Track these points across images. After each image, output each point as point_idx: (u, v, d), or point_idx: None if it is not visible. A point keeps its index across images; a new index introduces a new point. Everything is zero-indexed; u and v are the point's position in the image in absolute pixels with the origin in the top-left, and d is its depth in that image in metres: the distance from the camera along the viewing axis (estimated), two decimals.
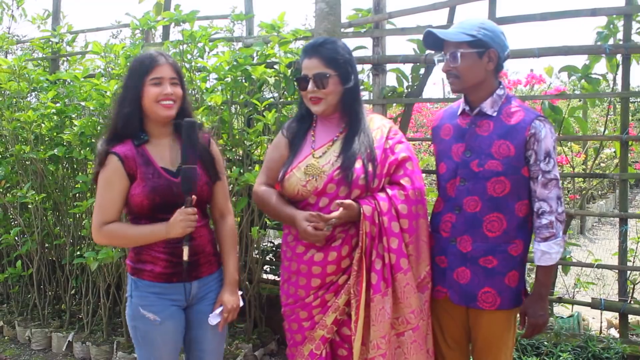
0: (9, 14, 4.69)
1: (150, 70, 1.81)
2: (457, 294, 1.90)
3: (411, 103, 3.46)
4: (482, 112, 1.86)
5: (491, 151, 1.81)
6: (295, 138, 1.99)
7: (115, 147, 1.83)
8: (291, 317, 1.97)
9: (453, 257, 1.89)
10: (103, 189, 1.83)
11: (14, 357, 3.57)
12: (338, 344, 1.94)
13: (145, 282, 1.87)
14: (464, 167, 1.85)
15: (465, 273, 1.87)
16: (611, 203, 10.01)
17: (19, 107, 3.58)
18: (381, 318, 1.82)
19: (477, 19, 1.85)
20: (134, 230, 1.84)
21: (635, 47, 2.85)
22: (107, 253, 2.97)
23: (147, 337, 1.88)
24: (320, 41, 1.92)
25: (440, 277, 1.93)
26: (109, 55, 3.18)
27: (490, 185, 1.81)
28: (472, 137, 1.85)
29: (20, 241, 3.80)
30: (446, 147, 1.92)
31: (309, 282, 1.90)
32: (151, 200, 1.80)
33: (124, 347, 3.29)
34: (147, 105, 1.83)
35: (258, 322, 3.46)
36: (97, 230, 1.83)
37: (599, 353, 2.74)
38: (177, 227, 1.77)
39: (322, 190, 1.88)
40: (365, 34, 3.43)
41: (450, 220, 1.89)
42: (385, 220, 1.82)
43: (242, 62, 3.08)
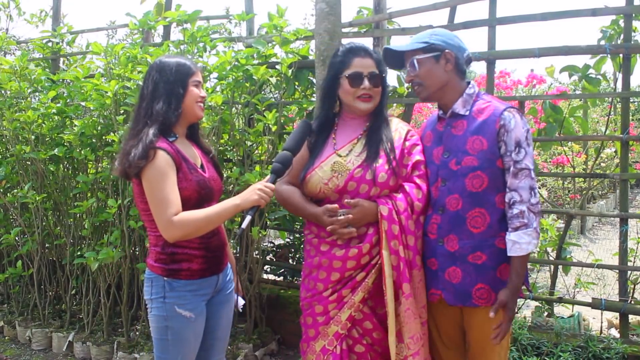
0: (7, 14, 4.69)
1: (193, 73, 1.94)
2: (451, 294, 1.90)
3: (412, 103, 3.46)
4: (455, 113, 1.92)
5: (466, 148, 1.86)
6: (317, 140, 2.06)
7: (158, 142, 1.84)
8: (307, 310, 2.01)
9: (442, 257, 1.90)
10: (160, 181, 1.78)
11: (15, 357, 3.57)
12: (356, 339, 1.96)
13: (182, 282, 1.90)
14: (444, 167, 1.90)
15: (457, 272, 1.88)
16: (611, 203, 10.02)
17: (19, 107, 3.58)
18: (408, 319, 1.88)
19: (429, 30, 1.97)
20: (204, 211, 1.81)
21: (635, 47, 2.85)
22: (108, 253, 2.97)
23: (180, 335, 1.91)
24: (364, 45, 2.06)
25: (433, 279, 1.94)
26: (110, 55, 3.17)
27: (469, 182, 1.85)
28: (449, 138, 1.91)
29: (21, 241, 3.80)
30: (429, 153, 1.98)
31: (328, 275, 1.95)
32: (199, 193, 1.88)
33: (125, 347, 3.29)
34: (189, 104, 1.93)
35: (258, 322, 3.46)
36: (170, 223, 1.76)
37: (600, 353, 2.74)
38: (252, 193, 1.81)
39: (343, 188, 1.94)
40: (365, 33, 3.43)
41: (435, 222, 1.92)
42: (403, 219, 1.90)
43: (244, 63, 3.08)
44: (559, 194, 7.94)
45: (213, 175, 2.00)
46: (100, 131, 3.24)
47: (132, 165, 1.79)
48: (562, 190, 7.75)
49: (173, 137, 1.92)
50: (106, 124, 3.25)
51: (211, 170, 2.01)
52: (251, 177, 2.84)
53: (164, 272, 1.91)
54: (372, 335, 1.95)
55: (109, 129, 3.21)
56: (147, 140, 1.80)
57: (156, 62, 1.97)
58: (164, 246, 1.90)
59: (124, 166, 1.82)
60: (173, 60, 1.95)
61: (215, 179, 2.01)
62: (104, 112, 3.24)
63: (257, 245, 3.41)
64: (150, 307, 1.94)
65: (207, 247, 1.94)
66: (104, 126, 3.25)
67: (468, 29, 3.18)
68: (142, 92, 1.94)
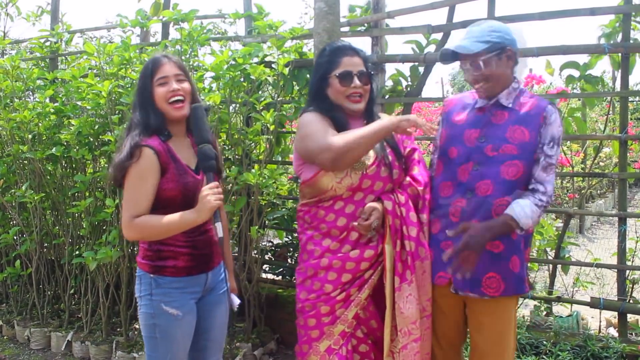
0: (5, 13, 4.68)
1: (155, 72, 1.88)
2: (460, 281, 1.89)
3: (410, 102, 3.46)
4: (498, 103, 1.92)
5: (505, 136, 1.86)
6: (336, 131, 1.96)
7: (146, 140, 1.84)
8: (310, 312, 1.97)
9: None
10: (137, 182, 1.81)
11: (13, 356, 3.56)
12: (361, 339, 1.97)
13: (167, 279, 1.89)
14: (478, 152, 1.89)
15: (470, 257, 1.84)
16: (610, 202, 10.02)
17: (15, 107, 3.57)
18: (409, 305, 1.88)
19: (484, 23, 1.94)
20: (165, 220, 1.81)
21: (634, 46, 2.85)
22: (106, 253, 2.97)
23: (168, 332, 1.90)
24: (350, 44, 2.07)
25: (446, 263, 1.90)
26: (103, 55, 3.16)
27: (504, 169, 1.85)
28: (487, 125, 1.91)
29: (19, 241, 3.80)
30: (458, 132, 1.95)
31: (339, 277, 1.94)
32: (184, 195, 1.86)
33: (123, 346, 3.29)
34: (160, 105, 1.88)
35: (257, 321, 3.46)
36: (128, 224, 1.80)
37: (598, 352, 2.74)
38: (206, 203, 1.78)
39: (357, 186, 1.94)
40: (364, 33, 3.43)
41: (460, 205, 1.90)
42: (404, 211, 1.92)
43: (241, 62, 3.07)
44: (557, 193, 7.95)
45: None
46: (97, 130, 3.24)
47: (118, 168, 1.83)
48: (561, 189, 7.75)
49: (166, 136, 1.89)
50: (102, 123, 3.24)
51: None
52: (250, 177, 2.84)
53: (150, 269, 1.91)
54: (377, 333, 1.96)
55: (106, 128, 3.20)
56: (132, 142, 1.82)
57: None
58: (150, 243, 1.91)
59: (114, 172, 1.85)
60: (145, 62, 1.93)
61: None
62: (99, 111, 3.24)
63: (255, 244, 3.40)
64: (140, 304, 1.94)
65: (193, 245, 1.91)
66: (100, 125, 3.24)
67: (467, 28, 3.17)
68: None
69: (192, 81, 1.96)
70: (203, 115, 1.86)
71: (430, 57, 3.25)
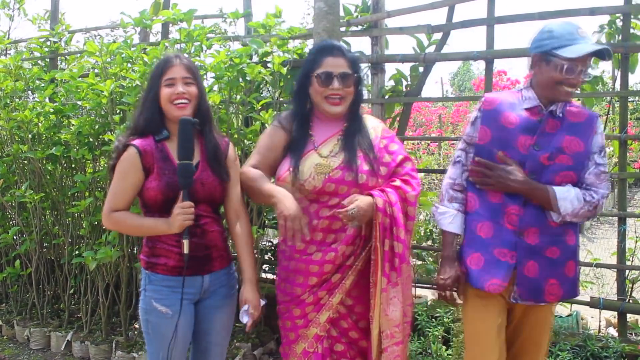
0: (8, 14, 4.67)
1: (164, 72, 1.90)
2: (526, 290, 1.86)
3: (410, 102, 3.46)
4: (552, 112, 1.88)
5: (562, 146, 1.84)
6: (297, 136, 2.01)
7: (134, 140, 1.89)
8: (285, 314, 2.01)
9: (522, 251, 1.86)
10: (117, 179, 1.90)
11: (13, 356, 3.56)
12: (335, 338, 1.96)
13: (159, 276, 1.92)
14: (533, 160, 1.85)
15: (534, 267, 1.85)
16: (610, 202, 10.00)
17: (15, 107, 3.57)
18: (394, 307, 1.87)
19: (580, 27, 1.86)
20: (139, 220, 1.92)
21: (634, 46, 2.85)
22: (106, 253, 2.97)
23: (159, 330, 1.91)
24: (339, 44, 2.03)
25: (497, 269, 1.87)
26: (105, 55, 3.16)
27: (559, 179, 1.84)
28: (543, 134, 1.87)
29: (19, 240, 3.80)
30: (509, 137, 1.89)
31: (306, 280, 1.94)
32: (165, 195, 1.86)
33: (123, 346, 3.29)
34: (163, 105, 1.91)
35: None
36: (106, 216, 1.92)
37: (598, 352, 2.74)
38: (175, 220, 1.81)
39: (321, 189, 1.92)
40: (363, 32, 3.42)
41: (515, 213, 1.86)
42: (395, 211, 1.89)
43: (238, 62, 3.07)
44: None
45: (206, 178, 1.93)
46: (97, 130, 3.24)
47: (110, 167, 1.96)
48: None
49: (162, 135, 1.91)
50: (103, 122, 3.24)
51: (206, 173, 1.94)
52: None
53: (145, 265, 1.95)
54: (349, 334, 1.95)
55: (106, 128, 3.20)
56: (118, 141, 1.94)
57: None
58: (147, 239, 1.96)
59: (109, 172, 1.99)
60: (157, 61, 1.99)
61: (206, 182, 1.93)
62: (100, 111, 3.23)
63: (255, 244, 3.40)
64: (140, 298, 1.98)
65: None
66: (100, 125, 3.24)
67: (466, 28, 3.18)
68: None
69: (200, 85, 1.97)
70: (189, 131, 1.82)
71: (430, 57, 3.25)
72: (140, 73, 2.98)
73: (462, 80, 21.83)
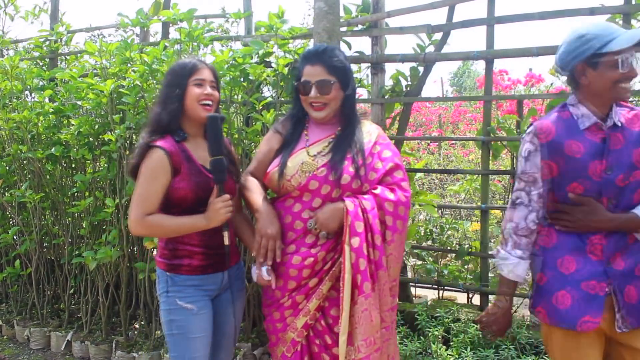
0: (6, 12, 4.67)
1: (194, 72, 1.94)
2: (635, 317, 1.72)
3: (410, 102, 3.46)
4: (614, 124, 1.74)
5: (633, 161, 1.72)
6: (290, 136, 2.05)
7: (157, 141, 1.89)
8: (268, 317, 2.04)
9: (618, 279, 1.73)
10: (147, 181, 1.87)
11: (13, 356, 3.56)
12: (311, 339, 1.96)
13: (182, 277, 1.95)
14: (608, 185, 1.73)
15: (632, 291, 1.73)
16: None
17: (14, 107, 3.57)
18: (374, 313, 1.85)
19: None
20: (175, 221, 1.89)
21: None
22: (106, 253, 2.97)
23: (185, 328, 1.94)
24: (322, 48, 1.99)
25: (592, 305, 1.73)
26: (104, 55, 3.16)
27: (638, 197, 1.73)
28: (611, 154, 1.73)
29: (19, 240, 3.80)
30: (580, 166, 1.74)
31: (285, 284, 1.95)
32: (196, 194, 1.89)
33: (123, 346, 3.29)
34: (190, 104, 1.93)
35: (257, 321, 3.46)
36: (139, 220, 1.86)
37: None
38: (218, 214, 1.85)
39: (304, 186, 1.93)
40: (363, 32, 3.42)
41: (600, 243, 1.74)
42: (370, 217, 1.87)
43: (241, 62, 3.07)
44: None
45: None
46: (97, 130, 3.24)
47: (132, 167, 1.92)
48: None
49: (181, 136, 1.93)
50: (103, 122, 3.24)
51: None
52: None
53: (166, 267, 1.97)
54: (324, 338, 1.94)
55: (106, 127, 3.20)
56: (142, 142, 1.91)
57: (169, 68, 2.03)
58: (167, 242, 1.97)
59: (130, 171, 1.95)
60: (179, 62, 1.98)
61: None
62: (100, 111, 3.23)
63: None
64: (160, 301, 2.00)
65: (207, 245, 1.96)
66: (100, 125, 3.24)
67: (466, 28, 3.18)
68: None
69: (219, 91, 2.04)
70: (219, 127, 1.89)
71: (430, 57, 3.25)
72: (140, 73, 2.99)
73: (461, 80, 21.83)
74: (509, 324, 1.94)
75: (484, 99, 3.25)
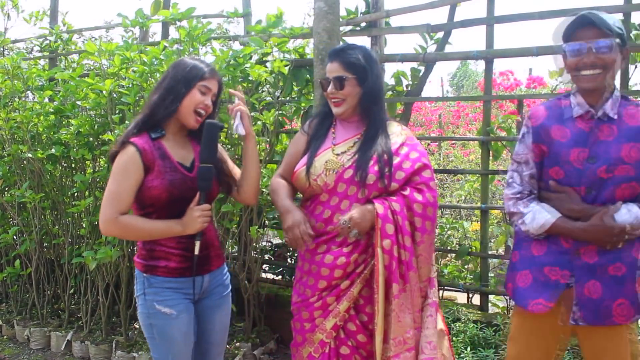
0: (5, 12, 4.67)
1: (204, 78, 1.89)
2: (591, 313, 1.72)
3: (410, 102, 3.46)
4: (605, 114, 1.73)
5: (621, 155, 1.69)
6: (316, 134, 2.08)
7: (131, 138, 1.85)
8: (296, 316, 2.04)
9: (581, 270, 1.73)
10: (119, 178, 1.81)
11: (13, 356, 3.56)
12: (342, 340, 1.96)
13: (159, 279, 1.90)
14: (590, 175, 1.72)
15: (596, 286, 1.72)
16: None
17: (14, 107, 3.57)
18: (405, 314, 1.88)
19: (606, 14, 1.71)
20: (150, 224, 1.84)
21: (634, 45, 2.85)
22: (106, 252, 2.97)
23: (165, 332, 1.90)
24: (343, 47, 2.05)
25: (548, 290, 1.77)
26: (103, 54, 3.16)
27: (620, 192, 1.70)
28: (596, 143, 1.72)
29: (19, 240, 3.80)
30: (563, 151, 1.76)
31: (316, 282, 1.96)
32: (170, 193, 1.84)
33: (123, 346, 3.29)
34: (186, 107, 1.87)
35: (257, 321, 3.46)
36: (112, 220, 1.79)
37: None
38: (194, 222, 1.83)
39: (333, 189, 1.95)
40: (363, 32, 3.42)
41: None
42: (400, 219, 1.89)
43: (242, 62, 3.07)
44: None
45: None
46: (97, 130, 3.24)
47: (110, 152, 1.90)
48: None
49: (159, 133, 1.88)
50: (102, 122, 3.24)
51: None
52: None
53: (144, 268, 1.92)
54: (357, 337, 1.95)
55: (106, 127, 3.20)
56: (126, 132, 1.87)
57: (177, 59, 1.98)
58: (144, 242, 1.92)
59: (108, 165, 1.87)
60: (192, 61, 1.92)
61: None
62: (100, 111, 3.23)
63: (255, 244, 3.40)
64: (138, 304, 1.96)
65: (185, 247, 1.90)
66: (100, 125, 3.24)
67: (466, 27, 3.18)
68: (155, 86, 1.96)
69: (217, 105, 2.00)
70: (216, 135, 1.86)
71: (430, 57, 3.25)
72: (139, 73, 2.98)
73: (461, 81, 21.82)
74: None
75: (484, 99, 3.25)
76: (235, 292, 3.41)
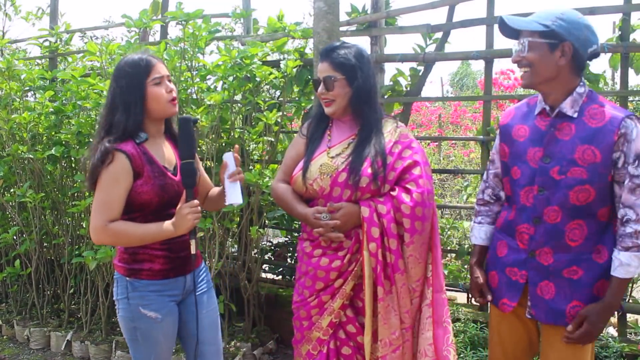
0: (4, 12, 4.67)
1: (150, 71, 1.83)
2: (542, 312, 1.75)
3: (409, 102, 3.46)
4: (562, 113, 1.70)
5: (574, 157, 1.65)
6: (313, 137, 2.07)
7: (119, 145, 1.81)
8: (296, 314, 2.05)
9: (534, 271, 1.76)
10: (109, 186, 1.77)
11: (13, 356, 3.56)
12: (343, 341, 1.97)
13: (143, 282, 1.87)
14: (543, 174, 1.70)
15: (549, 287, 1.73)
16: None
17: (14, 107, 3.57)
18: (390, 316, 1.89)
19: (560, 8, 1.70)
20: (141, 228, 1.80)
21: (634, 45, 2.85)
22: (106, 252, 2.97)
23: (149, 335, 1.89)
24: (334, 46, 2.02)
25: (511, 289, 1.82)
26: (105, 54, 3.16)
27: (573, 195, 1.66)
28: (552, 142, 1.70)
29: (19, 240, 3.80)
30: (520, 150, 1.77)
31: (313, 284, 1.97)
32: (160, 197, 1.83)
33: (123, 346, 3.29)
34: (155, 106, 1.84)
35: (257, 321, 3.46)
36: (103, 228, 1.76)
37: (598, 352, 2.74)
38: (185, 221, 1.77)
39: (329, 193, 1.94)
40: (363, 32, 3.42)
41: (527, 232, 1.77)
42: (385, 222, 1.87)
43: (248, 63, 3.07)
44: None
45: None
46: None
47: (91, 173, 1.79)
48: None
49: (142, 138, 1.85)
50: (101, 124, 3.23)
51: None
52: (250, 177, 2.84)
53: (126, 272, 1.89)
54: (357, 339, 1.96)
55: None
56: (103, 147, 1.78)
57: (115, 67, 1.89)
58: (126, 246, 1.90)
59: (88, 177, 1.81)
60: (129, 61, 1.84)
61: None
62: (100, 111, 3.23)
63: (255, 244, 3.41)
64: (117, 307, 1.92)
65: (169, 248, 1.89)
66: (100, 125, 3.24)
67: (466, 27, 3.18)
68: (105, 103, 1.90)
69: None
70: (191, 130, 1.82)
71: (430, 57, 3.25)
72: None
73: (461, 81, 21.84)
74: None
75: (483, 99, 3.25)
76: (235, 292, 3.44)
